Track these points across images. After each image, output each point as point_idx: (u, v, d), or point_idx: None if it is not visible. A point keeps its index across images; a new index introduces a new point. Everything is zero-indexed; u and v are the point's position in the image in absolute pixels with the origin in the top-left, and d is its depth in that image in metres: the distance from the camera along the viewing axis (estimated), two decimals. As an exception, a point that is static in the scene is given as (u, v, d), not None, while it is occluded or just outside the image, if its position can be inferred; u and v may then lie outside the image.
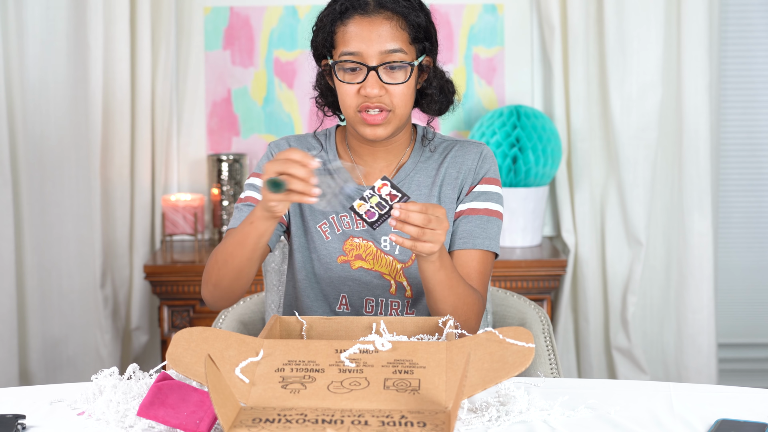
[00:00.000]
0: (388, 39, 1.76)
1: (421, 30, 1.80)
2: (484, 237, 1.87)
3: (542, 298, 3.07)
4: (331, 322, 1.66)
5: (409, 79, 1.79)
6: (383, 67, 1.77)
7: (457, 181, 1.90)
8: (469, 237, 1.87)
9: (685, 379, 3.24)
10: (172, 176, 3.36)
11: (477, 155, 1.91)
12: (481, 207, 1.89)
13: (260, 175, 1.89)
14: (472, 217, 1.88)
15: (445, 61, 3.33)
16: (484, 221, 1.88)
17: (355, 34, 1.77)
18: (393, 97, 1.78)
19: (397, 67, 1.78)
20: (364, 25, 1.77)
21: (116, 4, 3.12)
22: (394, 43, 1.77)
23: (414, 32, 1.79)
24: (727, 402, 1.49)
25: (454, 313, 1.74)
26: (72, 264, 3.25)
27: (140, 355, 3.31)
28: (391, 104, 1.78)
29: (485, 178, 1.90)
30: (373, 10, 1.77)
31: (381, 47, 1.76)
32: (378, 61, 1.76)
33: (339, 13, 1.79)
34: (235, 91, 3.35)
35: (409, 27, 1.78)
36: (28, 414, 1.47)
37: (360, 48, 1.76)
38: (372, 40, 1.76)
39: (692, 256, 3.20)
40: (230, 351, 1.45)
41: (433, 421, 1.29)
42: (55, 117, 3.21)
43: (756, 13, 3.42)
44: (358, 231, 1.89)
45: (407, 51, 1.78)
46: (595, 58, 3.23)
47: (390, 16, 1.77)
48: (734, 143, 3.47)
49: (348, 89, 1.79)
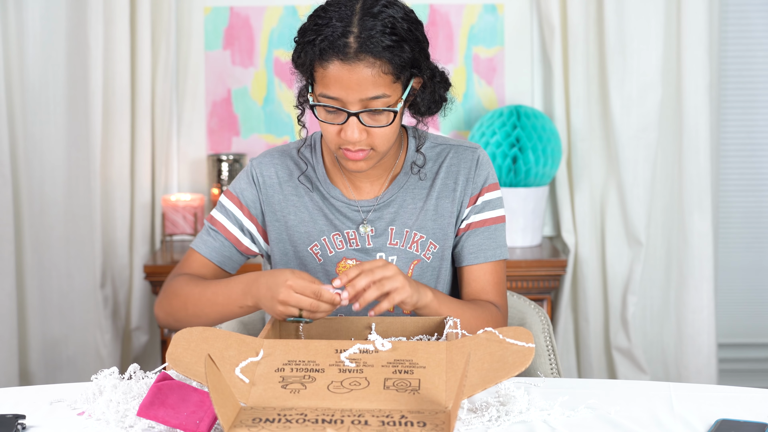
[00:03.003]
0: (369, 86, 1.64)
1: (407, 64, 1.68)
2: (495, 247, 1.86)
3: (542, 298, 3.07)
4: (331, 322, 1.66)
5: (392, 122, 1.69)
6: (365, 113, 1.67)
7: (455, 194, 1.86)
8: (480, 251, 1.85)
9: (685, 379, 3.24)
10: (172, 176, 3.36)
11: (473, 163, 1.86)
12: (487, 217, 1.87)
13: (233, 198, 1.88)
14: (479, 229, 1.86)
15: (445, 61, 3.33)
16: (491, 231, 1.86)
17: (334, 79, 1.65)
18: (375, 138, 1.70)
19: (380, 112, 1.68)
20: (344, 72, 1.64)
21: (116, 4, 3.12)
22: (377, 89, 1.65)
23: (398, 71, 1.67)
24: (727, 402, 1.49)
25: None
26: (72, 264, 3.25)
27: (140, 355, 3.31)
28: (373, 144, 1.71)
29: (485, 187, 1.87)
30: (353, 56, 1.63)
31: (362, 95, 1.65)
32: (359, 107, 1.66)
33: (318, 52, 1.66)
34: (235, 91, 3.35)
35: (394, 68, 1.66)
36: (28, 414, 1.47)
37: (340, 95, 1.65)
38: (352, 89, 1.64)
39: (692, 256, 3.20)
40: (230, 351, 1.46)
41: (433, 421, 1.29)
42: (55, 117, 3.21)
43: (756, 13, 3.42)
44: (351, 252, 1.86)
45: (391, 93, 1.67)
46: (595, 58, 3.23)
47: (372, 62, 1.64)
48: (734, 143, 3.47)
49: (329, 128, 1.70)
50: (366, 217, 1.86)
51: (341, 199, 1.86)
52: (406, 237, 1.86)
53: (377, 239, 1.85)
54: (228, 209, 1.89)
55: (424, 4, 3.32)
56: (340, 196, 1.86)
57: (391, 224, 1.85)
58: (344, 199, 1.86)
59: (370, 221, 1.86)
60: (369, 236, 1.85)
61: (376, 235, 1.85)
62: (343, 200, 1.86)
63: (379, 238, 1.85)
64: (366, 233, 1.85)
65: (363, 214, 1.86)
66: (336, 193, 1.86)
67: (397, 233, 1.85)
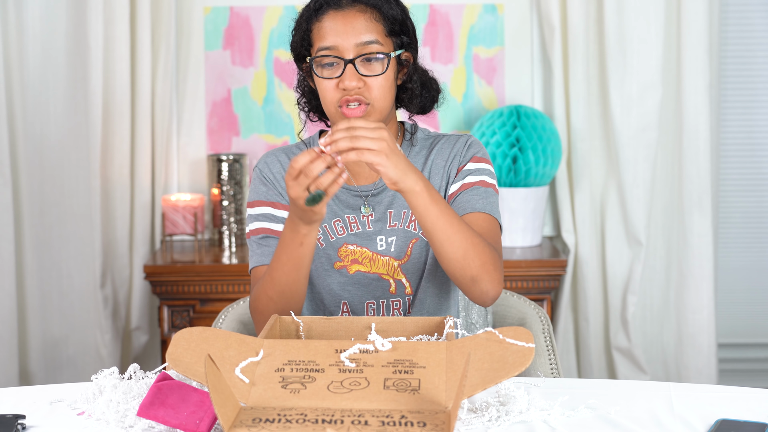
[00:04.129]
0: (363, 31, 1.77)
1: (397, 23, 1.81)
2: (485, 203, 1.84)
3: (542, 298, 3.07)
4: (331, 322, 1.66)
5: (386, 71, 1.78)
6: (360, 60, 1.76)
7: (444, 169, 1.89)
8: (469, 203, 1.83)
9: (685, 379, 3.24)
10: (172, 176, 3.36)
11: (463, 143, 1.90)
12: (476, 180, 1.86)
13: (259, 203, 1.88)
14: (467, 190, 1.85)
15: (445, 61, 3.33)
16: (481, 191, 1.85)
17: (330, 29, 1.78)
18: (371, 89, 1.77)
19: (374, 59, 1.77)
20: (339, 19, 1.78)
21: (116, 4, 3.12)
22: (370, 35, 1.77)
23: (389, 25, 1.80)
24: (727, 402, 1.49)
25: (465, 257, 1.68)
26: (72, 264, 3.25)
27: (140, 355, 3.31)
28: (370, 97, 1.78)
29: (475, 156, 1.88)
30: (346, 3, 1.78)
31: (356, 39, 1.76)
32: (354, 53, 1.76)
33: (314, 10, 1.80)
34: (235, 91, 3.35)
35: (384, 19, 1.79)
36: (28, 414, 1.47)
37: (336, 42, 1.77)
38: (347, 33, 1.77)
39: (692, 256, 3.20)
40: (230, 351, 1.45)
41: (433, 421, 1.29)
42: (55, 117, 3.21)
43: (756, 13, 3.42)
44: (352, 238, 1.88)
45: (383, 43, 1.78)
46: (595, 58, 3.23)
47: (363, 8, 1.78)
48: (734, 143, 3.47)
49: (327, 84, 1.79)
50: (366, 200, 1.89)
51: (342, 185, 1.88)
52: (404, 217, 1.88)
53: (376, 223, 1.88)
54: (260, 213, 1.89)
55: (424, 4, 3.32)
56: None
57: (390, 207, 1.88)
58: (344, 185, 1.89)
59: (371, 204, 1.89)
60: (369, 220, 1.88)
61: (376, 219, 1.88)
62: (344, 186, 1.89)
63: (378, 222, 1.88)
64: (367, 215, 1.88)
65: (362, 198, 1.89)
66: None
67: (395, 215, 1.88)
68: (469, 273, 1.70)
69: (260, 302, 1.78)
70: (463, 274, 1.70)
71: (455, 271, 1.71)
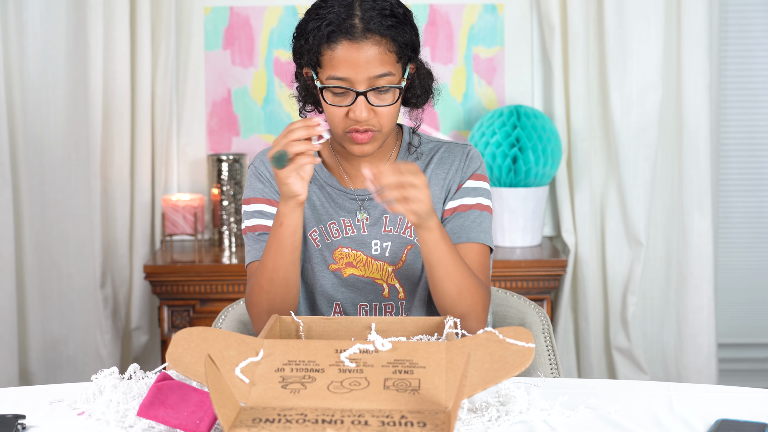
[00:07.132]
0: (376, 64, 1.71)
1: (409, 47, 1.76)
2: (479, 231, 1.86)
3: (542, 298, 3.07)
4: (331, 322, 1.66)
5: (396, 101, 1.76)
6: (372, 92, 1.73)
7: (444, 182, 1.89)
8: (463, 231, 1.86)
9: (685, 379, 3.24)
10: (172, 176, 3.36)
11: (463, 156, 1.90)
12: (473, 202, 1.88)
13: (255, 200, 1.89)
14: (464, 213, 1.87)
15: (445, 61, 3.33)
16: (476, 216, 1.87)
17: (343, 59, 1.71)
18: (381, 118, 1.75)
19: (386, 90, 1.74)
20: (353, 51, 1.71)
21: (116, 4, 3.12)
22: (383, 67, 1.72)
23: (401, 51, 1.75)
24: (727, 402, 1.49)
25: (460, 295, 1.73)
26: (72, 264, 3.25)
27: (140, 355, 3.31)
28: (378, 125, 1.76)
29: (475, 174, 1.89)
30: (360, 35, 1.71)
31: (369, 73, 1.71)
32: (366, 86, 1.72)
33: (326, 35, 1.72)
34: (235, 91, 3.35)
35: (397, 47, 1.74)
36: (28, 414, 1.46)
37: (348, 74, 1.71)
38: (360, 67, 1.71)
39: (692, 256, 3.20)
40: (230, 351, 1.45)
41: (433, 421, 1.29)
42: (55, 117, 3.21)
43: (756, 13, 3.42)
44: (347, 241, 1.88)
45: (395, 72, 1.74)
46: (595, 58, 3.23)
47: (378, 40, 1.71)
48: (734, 143, 3.47)
49: (336, 111, 1.75)
50: (362, 204, 1.89)
51: (338, 188, 1.90)
52: (399, 223, 1.88)
53: (372, 227, 1.88)
54: (256, 210, 1.89)
55: (424, 4, 3.32)
56: (338, 185, 1.90)
57: (385, 212, 1.88)
58: (341, 188, 1.89)
59: (366, 209, 1.89)
60: (364, 224, 1.88)
61: (371, 223, 1.88)
62: (341, 189, 1.89)
63: (374, 226, 1.88)
64: (362, 219, 1.88)
65: (359, 202, 1.89)
66: (333, 182, 1.90)
67: (391, 220, 1.89)
68: (459, 310, 1.75)
69: (253, 294, 1.80)
70: (454, 311, 1.75)
71: (447, 306, 1.75)
